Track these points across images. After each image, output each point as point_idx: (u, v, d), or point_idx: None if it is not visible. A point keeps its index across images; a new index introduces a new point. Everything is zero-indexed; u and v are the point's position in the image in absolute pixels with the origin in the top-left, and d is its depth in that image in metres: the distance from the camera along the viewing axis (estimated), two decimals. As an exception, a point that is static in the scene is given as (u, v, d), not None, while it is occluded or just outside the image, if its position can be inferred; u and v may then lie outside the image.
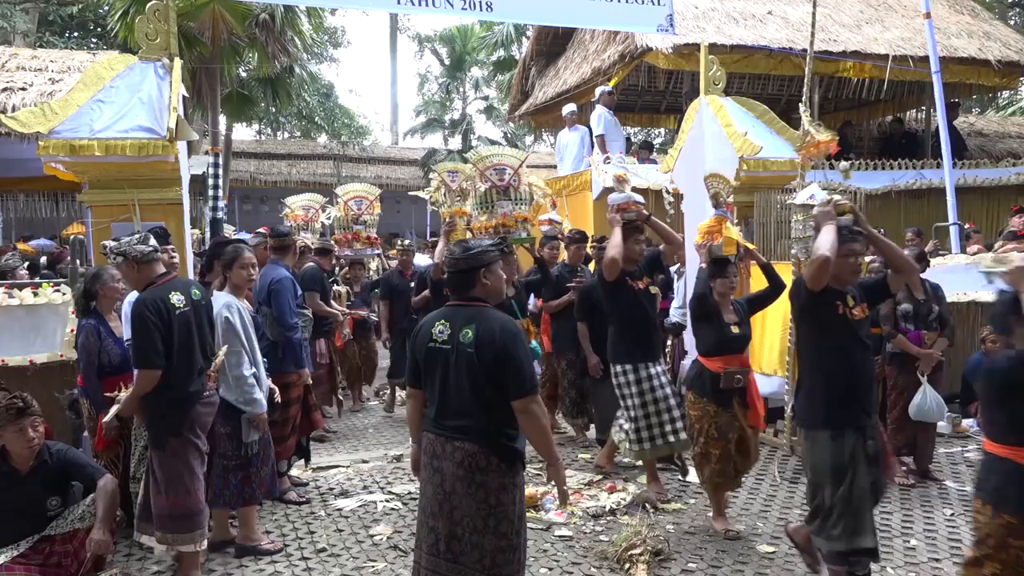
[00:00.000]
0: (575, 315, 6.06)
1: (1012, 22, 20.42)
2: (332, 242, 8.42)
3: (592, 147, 10.20)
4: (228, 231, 10.75)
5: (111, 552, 3.89)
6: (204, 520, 3.92)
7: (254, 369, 4.32)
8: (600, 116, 10.02)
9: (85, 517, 3.77)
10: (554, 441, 3.01)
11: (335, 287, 7.96)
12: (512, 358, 2.85)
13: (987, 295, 7.47)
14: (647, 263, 5.23)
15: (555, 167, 12.31)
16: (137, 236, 3.91)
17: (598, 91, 10.24)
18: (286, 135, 27.91)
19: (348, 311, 7.83)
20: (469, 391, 2.89)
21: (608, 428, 5.60)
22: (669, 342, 6.88)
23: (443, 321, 3.02)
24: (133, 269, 3.85)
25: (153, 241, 3.91)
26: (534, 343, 5.73)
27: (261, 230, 6.90)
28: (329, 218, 9.26)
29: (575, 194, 10.25)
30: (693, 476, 5.30)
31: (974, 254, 7.85)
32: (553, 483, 3.06)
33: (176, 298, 3.79)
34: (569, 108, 10.67)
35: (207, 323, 4.02)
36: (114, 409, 4.02)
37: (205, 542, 3.96)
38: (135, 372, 3.85)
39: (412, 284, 7.73)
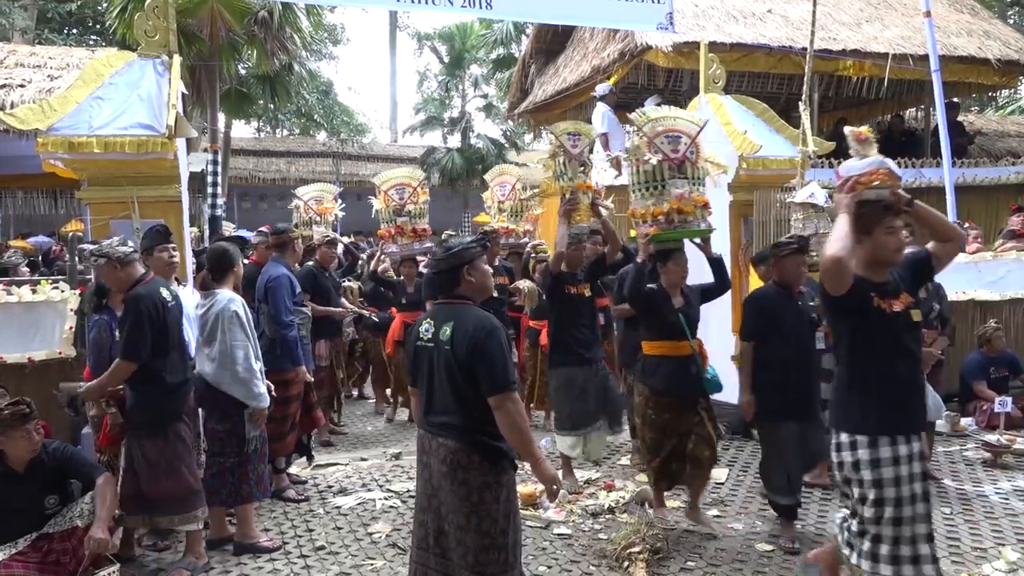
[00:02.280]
0: (743, 333, 4.59)
1: (1012, 21, 20.42)
2: (331, 233, 7.76)
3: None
4: (228, 228, 10.73)
5: (109, 550, 3.88)
6: (203, 498, 4.11)
7: (259, 363, 4.34)
8: (603, 114, 9.98)
9: (84, 514, 3.77)
10: (534, 439, 2.99)
11: (347, 283, 7.61)
12: (485, 354, 2.84)
13: (987, 294, 7.52)
14: (913, 270, 3.24)
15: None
16: (117, 238, 4.08)
17: (600, 89, 10.21)
18: (285, 132, 27.90)
19: (359, 309, 7.52)
20: (449, 389, 2.92)
21: (781, 489, 4.30)
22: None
23: (428, 320, 3.07)
24: (115, 270, 3.98)
25: (131, 242, 4.10)
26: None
27: (263, 228, 6.75)
28: (343, 211, 8.81)
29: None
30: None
31: (973, 253, 7.86)
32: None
33: (166, 293, 4.04)
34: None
35: (182, 319, 4.23)
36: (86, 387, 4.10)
37: (203, 520, 4.14)
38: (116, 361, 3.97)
39: None
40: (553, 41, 13.05)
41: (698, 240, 4.79)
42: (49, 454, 3.82)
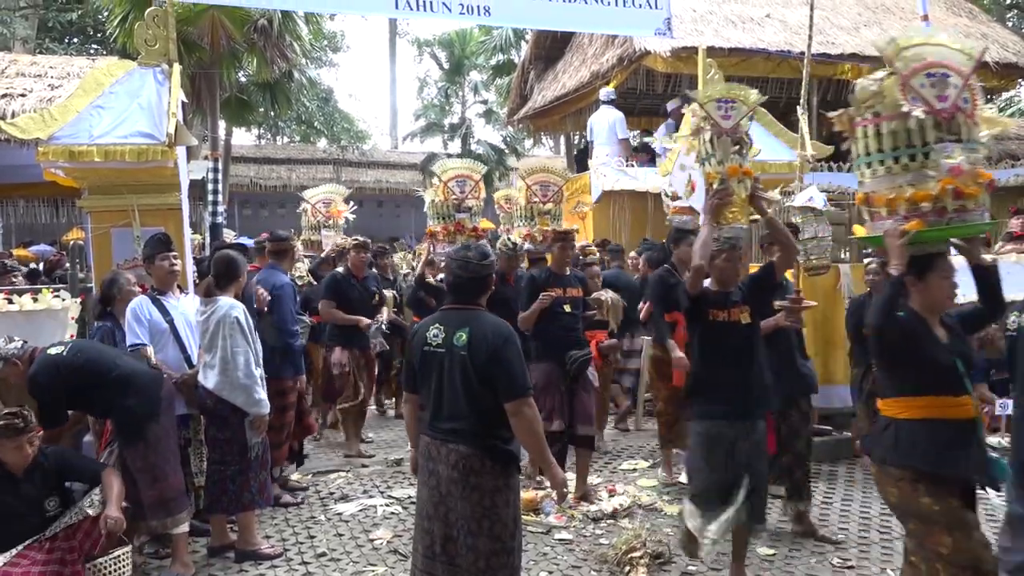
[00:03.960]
0: None
1: (1010, 24, 20.44)
2: (361, 239, 6.65)
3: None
4: (229, 236, 10.72)
5: (122, 530, 3.88)
6: (188, 499, 4.22)
7: (260, 370, 4.35)
8: (619, 119, 9.98)
9: (95, 504, 3.77)
10: (547, 444, 3.04)
11: (385, 291, 6.94)
12: (503, 359, 2.87)
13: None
14: None
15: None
16: (2, 339, 4.10)
17: (606, 93, 10.21)
18: (285, 140, 27.94)
19: (394, 320, 7.07)
20: (463, 394, 2.92)
21: None
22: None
23: (438, 325, 3.05)
24: (16, 368, 4.03)
25: (16, 340, 4.11)
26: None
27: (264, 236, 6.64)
28: (354, 214, 8.18)
29: (574, 198, 10.27)
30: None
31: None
32: (552, 485, 3.08)
33: (55, 349, 4.04)
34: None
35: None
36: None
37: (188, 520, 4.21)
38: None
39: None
40: (552, 47, 13.11)
41: (957, 240, 3.11)
42: (48, 456, 3.83)
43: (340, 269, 6.43)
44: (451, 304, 3.11)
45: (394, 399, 8.23)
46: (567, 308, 5.21)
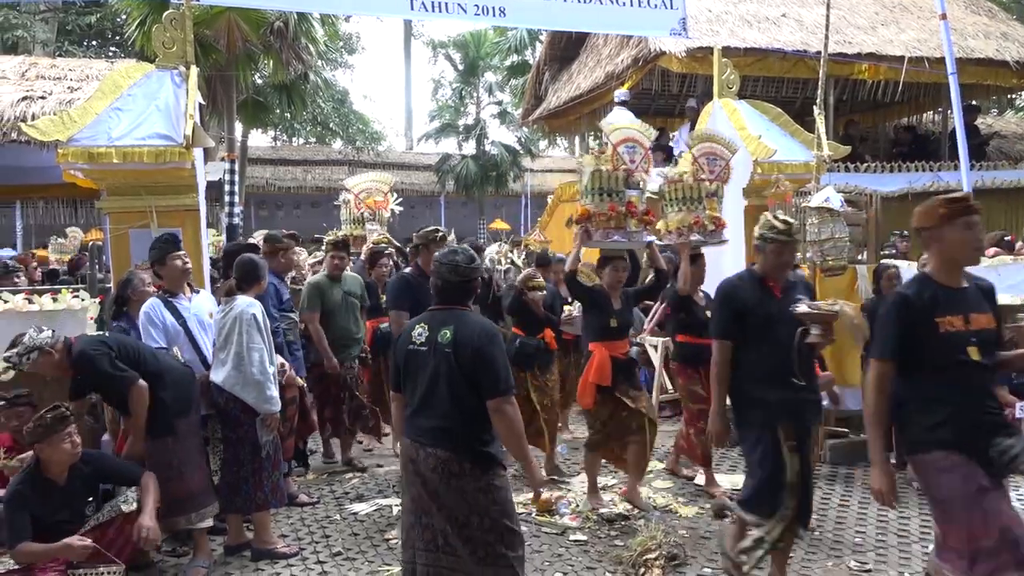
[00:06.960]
0: None
1: (1030, 22, 20.21)
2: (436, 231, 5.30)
3: None
4: (255, 237, 10.76)
5: (159, 540, 3.92)
6: (214, 494, 4.25)
7: (273, 368, 4.37)
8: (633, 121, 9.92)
9: (130, 501, 3.82)
10: (527, 442, 3.09)
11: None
12: (488, 357, 2.90)
13: (1007, 298, 7.44)
14: None
15: (572, 171, 12.22)
16: (32, 329, 3.99)
17: (622, 95, 10.18)
18: (301, 141, 28.11)
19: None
20: (446, 393, 2.94)
21: None
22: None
23: (422, 324, 3.08)
24: (51, 356, 3.97)
25: (46, 330, 4.00)
26: None
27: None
28: (400, 207, 7.36)
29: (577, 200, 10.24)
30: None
31: (992, 256, 7.78)
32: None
33: (96, 334, 4.18)
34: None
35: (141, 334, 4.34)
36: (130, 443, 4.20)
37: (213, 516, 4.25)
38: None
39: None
40: (567, 48, 13.09)
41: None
42: (85, 460, 3.88)
43: (408, 269, 5.57)
44: (436, 306, 3.14)
45: None
46: (973, 353, 2.91)
